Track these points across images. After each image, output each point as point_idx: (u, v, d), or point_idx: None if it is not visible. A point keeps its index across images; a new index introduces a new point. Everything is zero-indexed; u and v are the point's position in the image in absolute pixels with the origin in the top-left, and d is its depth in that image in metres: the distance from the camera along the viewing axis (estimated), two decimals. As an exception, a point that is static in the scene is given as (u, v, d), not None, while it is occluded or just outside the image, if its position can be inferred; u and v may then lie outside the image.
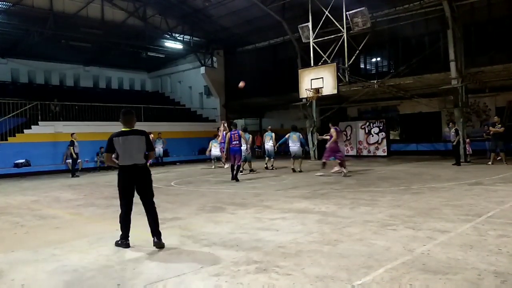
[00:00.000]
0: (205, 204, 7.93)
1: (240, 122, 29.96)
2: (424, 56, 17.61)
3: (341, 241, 4.79)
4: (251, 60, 25.05)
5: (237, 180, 11.71)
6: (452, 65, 15.78)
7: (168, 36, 23.37)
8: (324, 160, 12.68)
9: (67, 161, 18.02)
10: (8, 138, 17.17)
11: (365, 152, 21.11)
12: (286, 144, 14.66)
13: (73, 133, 16.23)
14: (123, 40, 22.44)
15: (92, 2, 20.22)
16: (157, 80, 30.43)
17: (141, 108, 21.88)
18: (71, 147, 15.89)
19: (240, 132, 12.41)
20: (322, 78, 16.91)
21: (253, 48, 24.86)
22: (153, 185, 5.23)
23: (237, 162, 11.93)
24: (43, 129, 18.13)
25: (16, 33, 20.29)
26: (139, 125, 5.38)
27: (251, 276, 3.70)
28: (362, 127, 21.36)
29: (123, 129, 5.12)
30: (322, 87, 16.95)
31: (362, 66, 21.53)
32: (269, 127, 17.16)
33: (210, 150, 18.07)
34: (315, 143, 19.83)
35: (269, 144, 15.57)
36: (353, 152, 21.57)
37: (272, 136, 15.56)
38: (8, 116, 17.49)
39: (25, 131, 17.64)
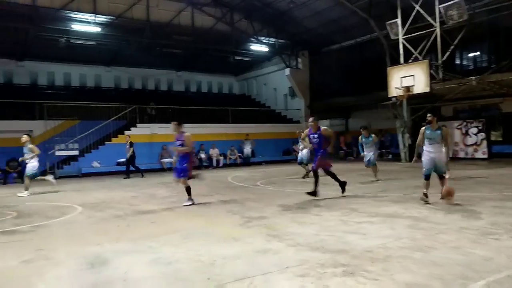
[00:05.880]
0: (289, 205, 7.98)
1: (325, 123, 29.67)
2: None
3: (434, 248, 4.50)
4: (337, 59, 24.62)
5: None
6: None
7: (254, 40, 23.92)
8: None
9: (162, 160, 19.45)
10: (112, 139, 18.94)
11: (461, 154, 19.57)
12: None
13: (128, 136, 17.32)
14: (211, 46, 23.47)
15: (183, 10, 21.49)
16: (243, 83, 31.30)
17: (229, 110, 22.79)
18: (132, 148, 16.56)
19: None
20: (413, 75, 16.11)
21: (338, 47, 24.42)
22: (240, 184, 5.37)
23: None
24: (141, 131, 19.67)
25: (118, 43, 22.37)
26: (227, 126, 5.55)
27: (338, 279, 3.64)
28: (458, 127, 19.83)
29: None
30: (413, 85, 16.14)
31: (457, 62, 19.99)
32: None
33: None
34: (406, 144, 18.91)
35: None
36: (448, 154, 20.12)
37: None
38: (112, 119, 19.31)
39: (126, 132, 19.27)
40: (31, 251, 5.04)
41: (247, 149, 21.76)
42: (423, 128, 7.71)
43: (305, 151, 13.28)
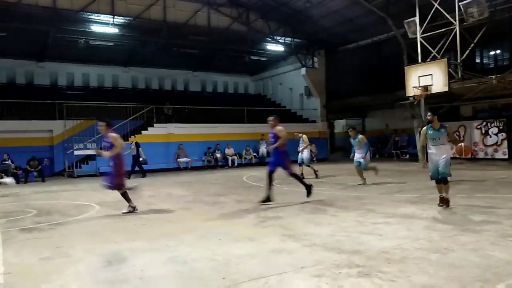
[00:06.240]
0: (305, 205, 7.96)
1: (341, 123, 29.47)
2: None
3: (452, 250, 4.44)
4: (353, 58, 24.40)
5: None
6: None
7: (270, 39, 23.88)
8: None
9: (178, 160, 19.63)
10: (129, 139, 19.13)
11: (481, 155, 19.19)
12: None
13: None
14: (227, 46, 23.53)
15: (199, 10, 21.63)
16: (259, 83, 31.30)
17: (244, 110, 22.84)
18: (140, 148, 16.77)
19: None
20: (431, 75, 15.88)
21: (355, 46, 24.21)
22: (255, 183, 5.39)
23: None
24: (158, 131, 19.86)
25: (135, 44, 22.64)
26: (242, 126, 5.58)
27: (353, 280, 3.63)
28: (478, 127, 19.46)
29: None
30: (431, 85, 15.90)
31: (477, 60, 19.62)
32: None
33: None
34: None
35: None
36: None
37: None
38: (129, 119, 19.55)
39: (143, 132, 19.46)
40: (50, 249, 5.15)
41: (263, 149, 21.78)
42: (425, 128, 7.22)
43: (305, 152, 13.75)
